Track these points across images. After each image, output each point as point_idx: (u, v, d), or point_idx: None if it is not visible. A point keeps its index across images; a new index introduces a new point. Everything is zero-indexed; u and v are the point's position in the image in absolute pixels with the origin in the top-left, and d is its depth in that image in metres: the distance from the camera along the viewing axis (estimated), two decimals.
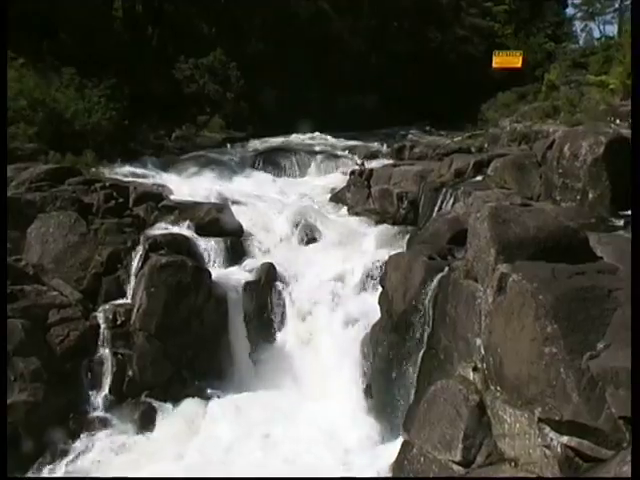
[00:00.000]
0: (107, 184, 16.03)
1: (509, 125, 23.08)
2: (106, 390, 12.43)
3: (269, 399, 12.77)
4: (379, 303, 12.80)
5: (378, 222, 17.47)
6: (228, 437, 11.77)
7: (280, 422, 12.08)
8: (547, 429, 7.75)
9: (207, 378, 13.28)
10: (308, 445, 11.37)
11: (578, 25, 57.96)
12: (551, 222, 9.84)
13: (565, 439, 7.56)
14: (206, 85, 33.21)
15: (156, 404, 12.50)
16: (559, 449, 7.62)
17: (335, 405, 12.21)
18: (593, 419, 7.21)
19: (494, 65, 32.48)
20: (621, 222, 11.64)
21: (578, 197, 11.33)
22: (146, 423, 12.15)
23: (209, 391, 13.05)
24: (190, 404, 12.68)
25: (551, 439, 7.70)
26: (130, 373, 12.69)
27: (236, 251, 15.45)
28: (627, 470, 6.45)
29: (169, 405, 12.57)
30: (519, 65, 31.54)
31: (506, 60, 31.70)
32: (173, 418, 12.33)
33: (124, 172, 19.99)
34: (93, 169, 18.71)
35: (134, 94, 26.11)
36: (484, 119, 30.32)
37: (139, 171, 20.66)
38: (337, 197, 20.36)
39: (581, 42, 53.63)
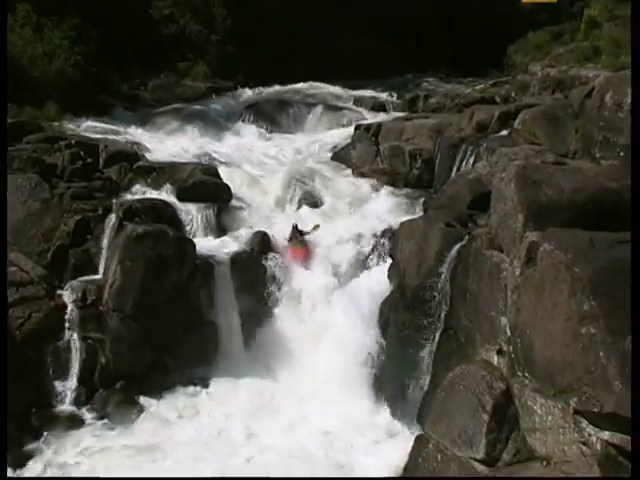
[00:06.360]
0: (73, 142, 16.01)
1: (541, 70, 22.79)
2: (74, 381, 12.47)
3: (263, 388, 12.83)
4: (389, 277, 12.79)
5: (388, 184, 17.35)
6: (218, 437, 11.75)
7: (273, 416, 12.17)
8: (584, 422, 7.72)
9: (193, 365, 13.28)
10: (306, 443, 11.41)
11: None
12: (589, 183, 9.76)
13: (606, 434, 7.54)
14: (187, 26, 32.88)
15: (134, 396, 12.53)
16: (598, 446, 7.59)
17: (338, 394, 12.18)
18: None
19: None
20: None
21: (621, 154, 11.10)
22: (121, 419, 12.12)
23: (195, 381, 13.08)
24: (173, 396, 12.70)
25: (589, 434, 7.68)
26: (102, 360, 12.71)
27: (224, 218, 15.45)
28: None
29: (149, 398, 12.57)
30: None
31: None
32: (154, 413, 12.32)
33: (93, 128, 19.83)
34: (56, 124, 18.58)
35: (103, 36, 25.71)
36: (511, 63, 29.94)
37: (110, 127, 20.49)
38: (340, 156, 20.19)
39: None
